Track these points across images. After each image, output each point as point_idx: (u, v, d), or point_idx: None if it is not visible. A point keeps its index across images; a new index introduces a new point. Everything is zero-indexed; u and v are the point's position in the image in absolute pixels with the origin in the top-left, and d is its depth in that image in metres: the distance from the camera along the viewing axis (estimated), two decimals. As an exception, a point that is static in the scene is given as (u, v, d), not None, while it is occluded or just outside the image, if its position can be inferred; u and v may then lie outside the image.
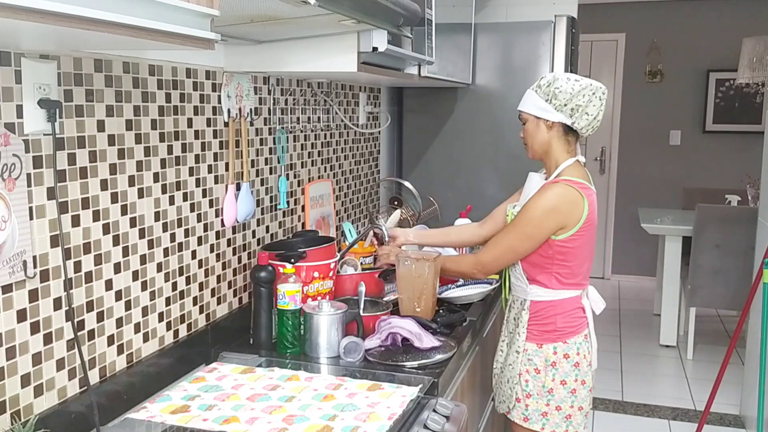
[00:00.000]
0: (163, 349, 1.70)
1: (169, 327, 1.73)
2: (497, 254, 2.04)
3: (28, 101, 1.28)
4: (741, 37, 5.24)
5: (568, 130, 2.02)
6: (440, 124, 3.24)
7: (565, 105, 1.98)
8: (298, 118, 2.37)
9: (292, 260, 1.91)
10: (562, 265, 2.00)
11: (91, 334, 1.47)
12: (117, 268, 1.54)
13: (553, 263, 2.00)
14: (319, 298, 1.97)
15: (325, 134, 2.60)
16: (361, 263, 2.48)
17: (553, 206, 1.94)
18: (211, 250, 1.90)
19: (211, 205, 1.89)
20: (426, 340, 1.86)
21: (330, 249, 2.05)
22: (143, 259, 1.62)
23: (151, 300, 1.66)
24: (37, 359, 1.34)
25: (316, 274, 1.98)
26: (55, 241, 1.36)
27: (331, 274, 2.03)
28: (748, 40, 5.04)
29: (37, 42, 1.16)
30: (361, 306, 2.02)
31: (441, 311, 2.21)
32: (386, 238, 2.52)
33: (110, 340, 1.53)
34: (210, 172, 1.87)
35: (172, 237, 1.73)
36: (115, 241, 1.53)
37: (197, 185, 1.82)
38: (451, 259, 2.20)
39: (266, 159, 2.18)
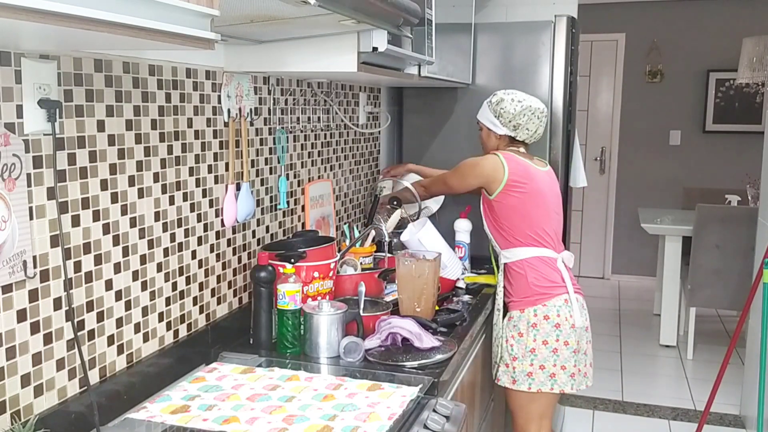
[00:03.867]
0: (163, 349, 1.70)
1: (169, 327, 1.73)
2: (428, 183, 2.66)
3: (28, 101, 1.28)
4: (741, 37, 5.24)
5: (514, 139, 2.42)
6: (440, 124, 3.24)
7: (509, 122, 2.38)
8: (298, 118, 2.37)
9: (292, 260, 1.91)
10: (505, 224, 2.34)
11: (91, 334, 1.47)
12: (117, 268, 1.54)
13: (500, 222, 2.36)
14: (319, 298, 1.97)
15: (325, 134, 2.60)
16: (361, 263, 2.48)
17: (472, 163, 2.39)
18: (211, 250, 1.90)
19: (211, 205, 1.89)
20: (426, 340, 1.86)
21: (330, 249, 2.05)
22: (143, 259, 1.62)
23: (151, 300, 1.66)
24: (37, 359, 1.35)
25: (316, 274, 1.98)
26: (55, 241, 1.36)
27: (331, 274, 2.03)
28: (748, 40, 5.04)
29: (37, 42, 1.16)
30: (361, 306, 2.02)
31: (441, 311, 2.21)
32: (385, 239, 2.53)
33: (110, 340, 1.53)
34: (210, 172, 1.87)
35: (172, 237, 1.73)
36: (115, 241, 1.53)
37: (197, 185, 1.82)
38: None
39: (266, 159, 2.18)
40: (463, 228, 2.80)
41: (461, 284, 2.53)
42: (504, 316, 2.37)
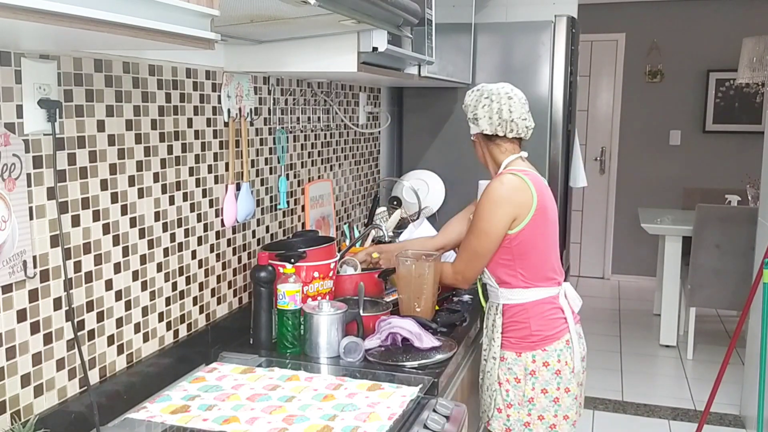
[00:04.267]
0: (163, 349, 1.70)
1: (169, 327, 1.73)
2: (466, 259, 2.03)
3: (28, 101, 1.28)
4: (741, 37, 5.24)
5: (491, 136, 2.05)
6: (440, 124, 3.24)
7: (472, 117, 2.05)
8: (298, 118, 2.37)
9: (292, 260, 1.91)
10: (523, 261, 1.98)
11: (91, 334, 1.47)
12: (117, 268, 1.54)
13: (515, 260, 1.98)
14: (319, 298, 1.97)
15: (325, 134, 2.60)
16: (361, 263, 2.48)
17: (499, 196, 1.95)
18: (211, 250, 1.90)
19: (211, 205, 1.89)
20: (426, 340, 1.86)
21: (330, 249, 2.05)
22: (143, 259, 1.62)
23: (151, 300, 1.66)
24: (37, 359, 1.35)
25: (316, 274, 1.98)
26: (55, 241, 1.36)
27: (331, 274, 2.03)
28: (748, 40, 5.04)
29: (37, 42, 1.16)
30: (361, 306, 2.02)
31: (441, 311, 2.21)
32: (386, 239, 2.52)
33: (110, 340, 1.53)
34: (210, 172, 1.87)
35: (172, 237, 1.73)
36: (115, 241, 1.53)
37: (197, 185, 1.82)
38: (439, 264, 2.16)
39: (266, 159, 2.18)
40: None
41: None
42: (489, 349, 2.08)
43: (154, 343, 1.68)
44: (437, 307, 2.22)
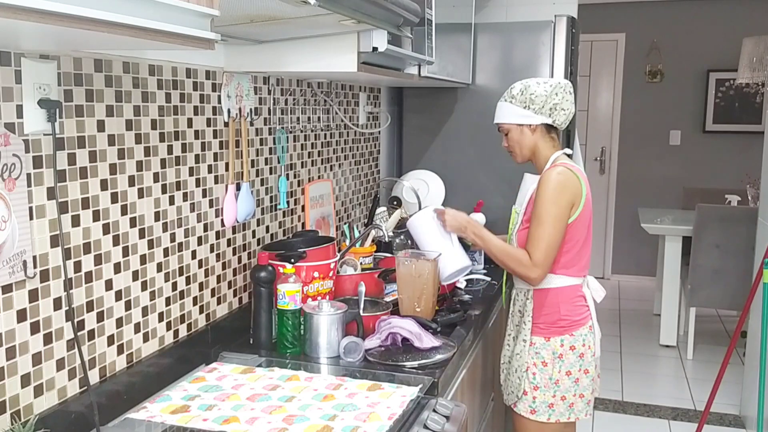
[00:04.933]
0: (163, 349, 1.70)
1: (169, 327, 1.73)
2: (544, 249, 2.02)
3: (28, 101, 1.28)
4: (741, 37, 5.24)
5: (550, 128, 2.13)
6: (440, 124, 3.24)
7: (543, 106, 2.08)
8: (298, 118, 2.37)
9: (292, 260, 1.91)
10: (565, 249, 2.07)
11: (91, 334, 1.47)
12: (117, 268, 1.54)
13: (562, 249, 2.07)
14: (319, 298, 1.97)
15: (325, 134, 2.60)
16: (361, 263, 2.48)
17: (559, 183, 2.03)
18: (211, 250, 1.90)
19: (211, 205, 1.89)
20: (426, 340, 1.86)
21: (330, 249, 2.05)
22: (143, 259, 1.62)
23: (151, 300, 1.66)
24: (37, 359, 1.35)
25: (316, 274, 1.97)
26: (55, 241, 1.36)
27: (331, 274, 2.03)
28: (748, 40, 5.04)
29: (37, 42, 1.16)
30: (361, 306, 2.02)
31: (441, 311, 2.21)
32: (386, 239, 2.52)
33: (110, 340, 1.53)
34: (210, 172, 1.87)
35: (172, 237, 1.73)
36: (115, 241, 1.53)
37: (197, 185, 1.82)
38: (501, 248, 2.12)
39: (266, 159, 2.18)
40: (478, 222, 2.77)
41: (461, 284, 2.53)
42: (519, 334, 2.16)
43: (154, 343, 1.68)
44: (437, 307, 2.22)
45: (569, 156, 2.17)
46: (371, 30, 1.72)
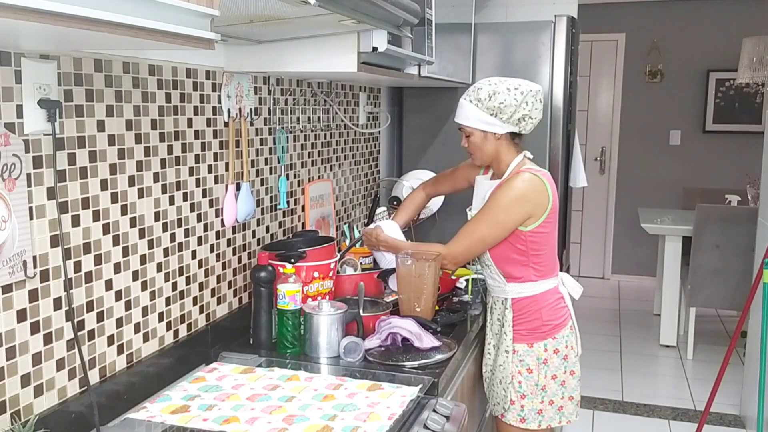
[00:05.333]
0: (163, 349, 1.70)
1: (169, 327, 1.73)
2: (467, 245, 2.04)
3: (28, 101, 1.28)
4: (741, 37, 5.24)
5: (515, 135, 2.07)
6: (440, 124, 3.24)
7: (511, 116, 2.00)
8: (298, 118, 2.37)
9: (292, 260, 1.91)
10: (537, 256, 2.05)
11: (91, 334, 1.47)
12: (117, 268, 1.54)
13: (529, 256, 2.04)
14: (319, 298, 1.97)
15: (325, 134, 2.60)
16: (361, 263, 2.48)
17: (521, 194, 1.99)
18: (211, 250, 1.90)
19: (211, 205, 1.89)
20: (426, 340, 1.86)
21: (330, 249, 2.05)
22: (143, 259, 1.62)
23: (151, 300, 1.66)
24: (37, 359, 1.35)
25: (316, 274, 1.98)
26: (55, 241, 1.36)
27: (330, 274, 2.03)
28: (748, 40, 5.04)
29: (37, 42, 1.16)
30: (361, 306, 2.02)
31: (441, 311, 2.21)
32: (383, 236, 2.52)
33: (110, 340, 1.53)
34: (210, 172, 1.87)
35: (172, 237, 1.73)
36: (115, 241, 1.53)
37: (197, 185, 1.82)
38: (416, 246, 2.15)
39: (266, 159, 2.17)
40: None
41: (461, 284, 2.52)
42: (501, 344, 2.12)
43: (154, 343, 1.68)
44: (437, 307, 2.22)
45: (530, 159, 2.12)
46: (371, 30, 1.72)
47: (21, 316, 1.30)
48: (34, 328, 1.33)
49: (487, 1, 3.55)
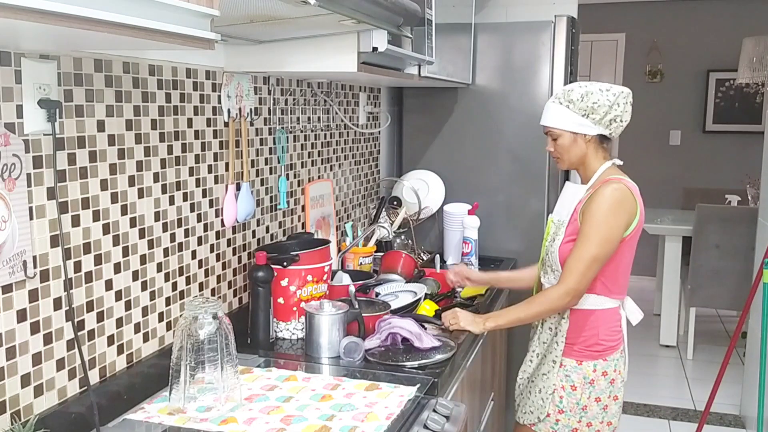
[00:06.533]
0: (163, 349, 1.70)
1: (169, 327, 1.73)
2: (582, 270, 1.92)
3: (28, 101, 1.28)
4: (741, 37, 5.24)
5: (603, 139, 2.02)
6: (440, 124, 3.24)
7: (604, 117, 1.96)
8: (298, 118, 2.37)
9: (285, 263, 1.91)
10: (610, 270, 1.98)
11: (91, 334, 1.47)
12: (117, 268, 1.54)
13: (607, 266, 1.97)
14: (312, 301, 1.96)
15: (325, 134, 2.60)
16: (361, 264, 2.49)
17: (615, 202, 1.93)
18: (211, 250, 1.90)
19: (211, 205, 1.89)
20: (426, 340, 1.86)
21: (324, 252, 2.02)
22: (143, 259, 1.62)
23: (151, 300, 1.66)
24: (37, 359, 1.35)
25: (309, 278, 1.96)
26: (55, 241, 1.36)
27: (325, 277, 2.02)
28: (748, 40, 5.04)
29: (37, 42, 1.16)
30: (355, 306, 2.01)
31: (453, 306, 2.22)
32: (390, 237, 2.52)
33: (110, 340, 1.53)
34: (210, 172, 1.87)
35: (172, 237, 1.73)
36: (115, 241, 1.53)
37: (197, 185, 1.82)
38: (527, 306, 2.03)
39: (266, 159, 2.17)
40: (471, 224, 2.78)
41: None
42: (549, 353, 2.06)
43: (154, 343, 1.68)
44: (437, 308, 2.22)
45: (619, 167, 2.06)
46: (371, 30, 1.72)
47: (21, 316, 1.30)
48: (34, 328, 1.33)
49: (487, 1, 3.55)
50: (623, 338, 2.06)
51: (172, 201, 1.72)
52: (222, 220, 1.94)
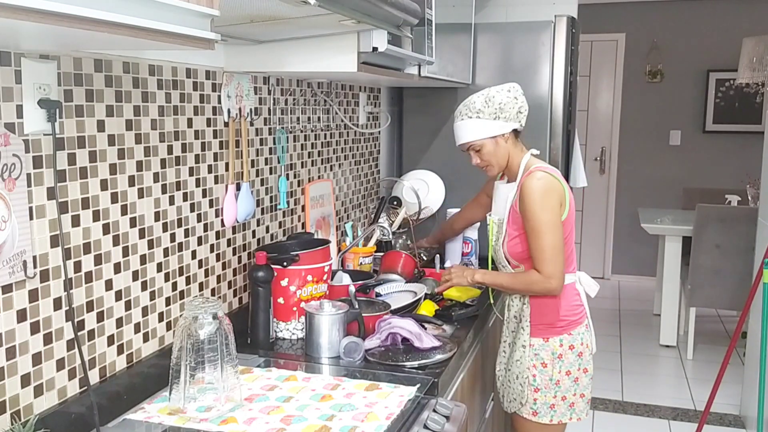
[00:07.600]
0: (163, 349, 1.70)
1: (169, 327, 1.73)
2: (549, 257, 2.01)
3: (28, 101, 1.28)
4: (741, 37, 5.24)
5: (516, 133, 2.15)
6: (440, 124, 3.24)
7: (512, 113, 2.09)
8: (298, 118, 2.37)
9: (284, 263, 1.91)
10: None
11: (91, 334, 1.47)
12: (117, 268, 1.54)
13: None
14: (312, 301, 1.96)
15: (325, 134, 2.60)
16: (361, 264, 2.48)
17: (544, 191, 2.02)
18: (211, 250, 1.90)
19: (211, 205, 1.89)
20: (426, 340, 1.86)
21: (324, 252, 2.02)
22: (143, 259, 1.62)
23: (151, 300, 1.66)
24: (37, 359, 1.35)
25: (309, 278, 1.96)
26: (55, 241, 1.36)
27: (324, 277, 2.02)
28: (748, 40, 5.04)
29: (37, 42, 1.16)
30: (355, 306, 2.02)
31: (453, 307, 2.22)
32: (390, 237, 2.52)
33: (110, 340, 1.53)
34: (210, 172, 1.87)
35: (172, 237, 1.73)
36: (115, 241, 1.53)
37: (197, 185, 1.82)
38: (513, 278, 2.13)
39: (266, 159, 2.18)
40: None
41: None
42: (517, 340, 2.15)
43: (154, 343, 1.68)
44: (437, 308, 2.22)
45: (536, 155, 2.17)
46: (371, 30, 1.72)
47: (21, 316, 1.30)
48: (34, 328, 1.33)
49: (487, 1, 3.55)
50: (586, 312, 2.17)
51: (172, 201, 1.72)
52: (222, 220, 1.94)
